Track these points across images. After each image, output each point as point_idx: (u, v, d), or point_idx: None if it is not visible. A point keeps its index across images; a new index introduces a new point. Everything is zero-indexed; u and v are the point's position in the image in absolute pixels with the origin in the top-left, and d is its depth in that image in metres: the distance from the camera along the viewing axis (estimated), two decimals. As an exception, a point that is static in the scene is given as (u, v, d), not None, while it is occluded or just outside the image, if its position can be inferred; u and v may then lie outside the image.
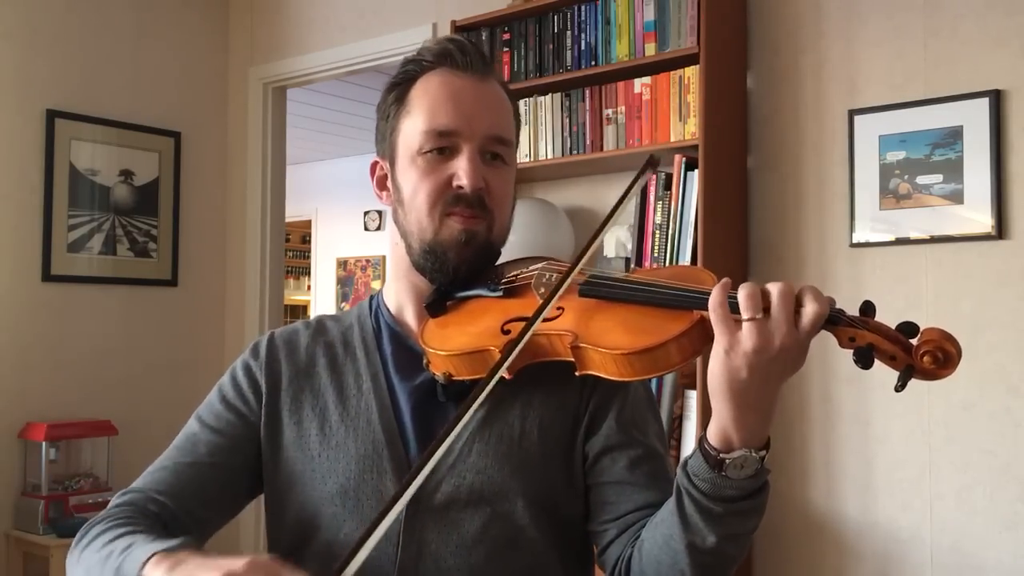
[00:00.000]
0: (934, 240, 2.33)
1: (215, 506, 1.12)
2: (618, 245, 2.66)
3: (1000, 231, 2.24)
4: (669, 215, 2.50)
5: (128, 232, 3.69)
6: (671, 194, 2.50)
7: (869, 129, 2.43)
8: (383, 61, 3.53)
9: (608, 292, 1.00)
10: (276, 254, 3.97)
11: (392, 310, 1.18)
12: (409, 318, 1.16)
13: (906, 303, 2.36)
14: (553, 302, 0.99)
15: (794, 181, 2.57)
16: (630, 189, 1.10)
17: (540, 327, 0.98)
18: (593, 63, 2.68)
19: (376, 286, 7.50)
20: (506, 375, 0.97)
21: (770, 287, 0.85)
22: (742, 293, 0.84)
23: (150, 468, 1.11)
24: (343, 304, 7.78)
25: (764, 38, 2.63)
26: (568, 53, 2.74)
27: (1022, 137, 2.23)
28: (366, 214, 7.66)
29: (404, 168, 1.11)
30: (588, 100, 2.70)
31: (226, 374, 1.18)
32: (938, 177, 2.32)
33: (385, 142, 1.15)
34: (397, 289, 1.17)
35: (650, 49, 2.57)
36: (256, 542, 3.75)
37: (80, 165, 3.56)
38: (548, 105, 2.78)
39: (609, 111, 2.66)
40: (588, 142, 2.69)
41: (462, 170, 1.07)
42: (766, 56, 2.63)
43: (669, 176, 2.52)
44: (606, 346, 0.93)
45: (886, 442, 2.40)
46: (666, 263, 2.47)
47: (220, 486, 1.12)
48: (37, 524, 3.22)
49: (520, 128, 1.21)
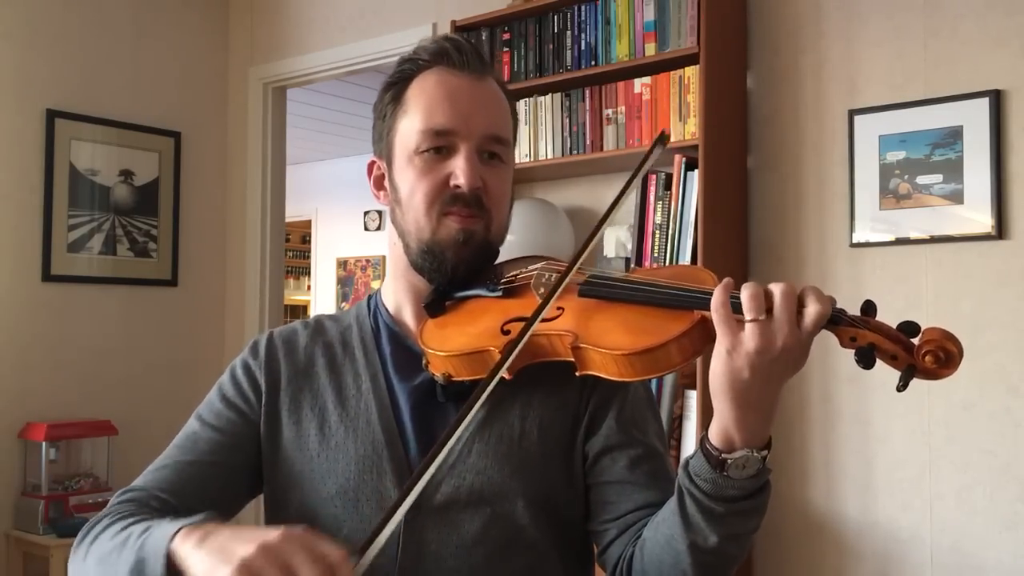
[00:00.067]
0: (934, 240, 2.33)
1: (216, 504, 1.11)
2: (618, 245, 2.65)
3: (1000, 231, 2.24)
4: (669, 215, 2.50)
5: (128, 232, 3.70)
6: (671, 194, 2.50)
7: (869, 129, 2.43)
8: (383, 61, 3.53)
9: (608, 292, 1.00)
10: (276, 254, 3.97)
11: (390, 310, 1.18)
12: (408, 318, 1.16)
13: (906, 303, 2.36)
14: (552, 302, 0.99)
15: (794, 181, 2.57)
16: (642, 166, 1.09)
17: (540, 327, 0.98)
18: (593, 63, 2.68)
19: (376, 286, 7.48)
20: (506, 375, 0.97)
21: (772, 287, 0.84)
22: (745, 294, 0.84)
23: (150, 467, 1.10)
24: (343, 304, 7.77)
25: (764, 38, 2.63)
26: (568, 53, 2.74)
27: (1022, 137, 2.23)
28: (366, 214, 7.66)
29: (401, 168, 1.11)
30: (588, 100, 2.70)
31: (225, 373, 1.18)
32: (938, 177, 2.32)
33: (382, 142, 1.15)
34: (395, 289, 1.17)
35: (650, 49, 2.57)
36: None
37: (80, 165, 3.56)
38: (548, 105, 2.78)
39: (609, 111, 2.66)
40: (588, 142, 2.69)
41: (459, 170, 1.06)
42: (766, 56, 2.63)
43: (669, 176, 2.52)
44: (607, 346, 0.93)
45: (886, 442, 2.40)
46: (666, 263, 2.47)
47: (221, 484, 1.11)
48: (37, 524, 3.22)
49: (517, 126, 1.20)
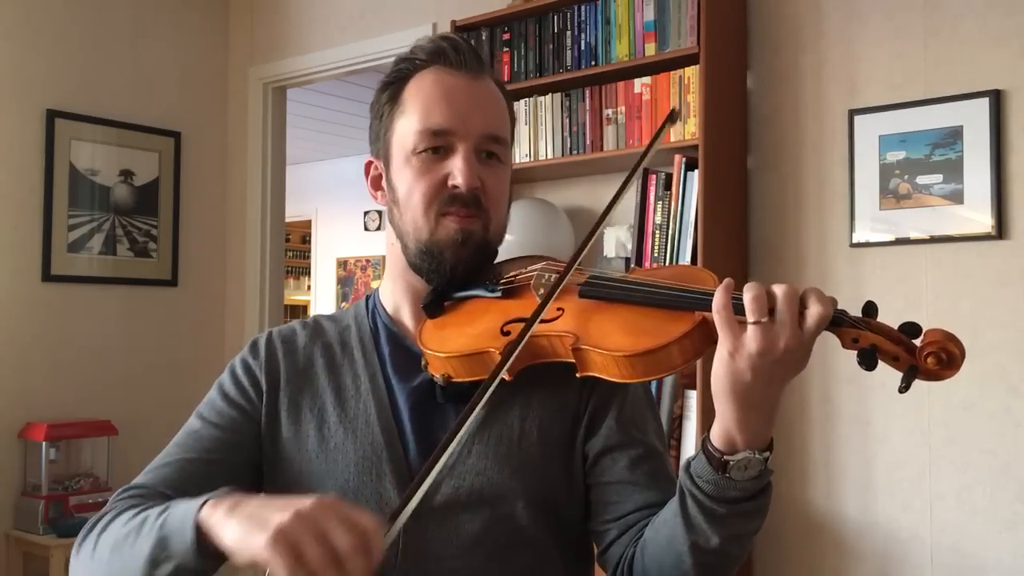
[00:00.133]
0: (934, 240, 2.33)
1: None
2: (618, 245, 2.65)
3: (1000, 231, 2.24)
4: (669, 215, 2.50)
5: (128, 232, 3.69)
6: (671, 194, 2.50)
7: (869, 129, 2.43)
8: (383, 61, 3.53)
9: (608, 293, 0.99)
10: (276, 254, 3.97)
11: (389, 310, 1.17)
12: (406, 318, 1.15)
13: (906, 303, 2.36)
14: (552, 303, 0.99)
15: (794, 181, 2.57)
16: (653, 142, 1.09)
17: (540, 328, 0.98)
18: (593, 63, 2.68)
19: (376, 286, 7.46)
20: (506, 376, 0.96)
21: (774, 289, 0.84)
22: (747, 296, 0.83)
23: (151, 465, 1.09)
24: (343, 304, 7.77)
25: (764, 38, 2.63)
26: (568, 53, 2.74)
27: (1022, 137, 2.23)
28: (366, 214, 7.66)
29: (399, 168, 1.10)
30: (588, 100, 2.70)
31: (225, 372, 1.17)
32: (938, 177, 2.32)
33: (379, 142, 1.14)
34: (394, 289, 1.17)
35: (650, 49, 2.57)
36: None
37: (80, 165, 3.56)
38: (548, 105, 2.78)
39: (609, 111, 2.65)
40: (588, 142, 2.69)
41: (457, 170, 1.06)
42: (766, 56, 2.63)
43: (669, 176, 2.52)
44: (608, 348, 0.93)
45: (886, 442, 2.40)
46: (666, 263, 2.47)
47: (223, 482, 1.10)
48: (37, 524, 3.22)
49: (515, 125, 1.20)
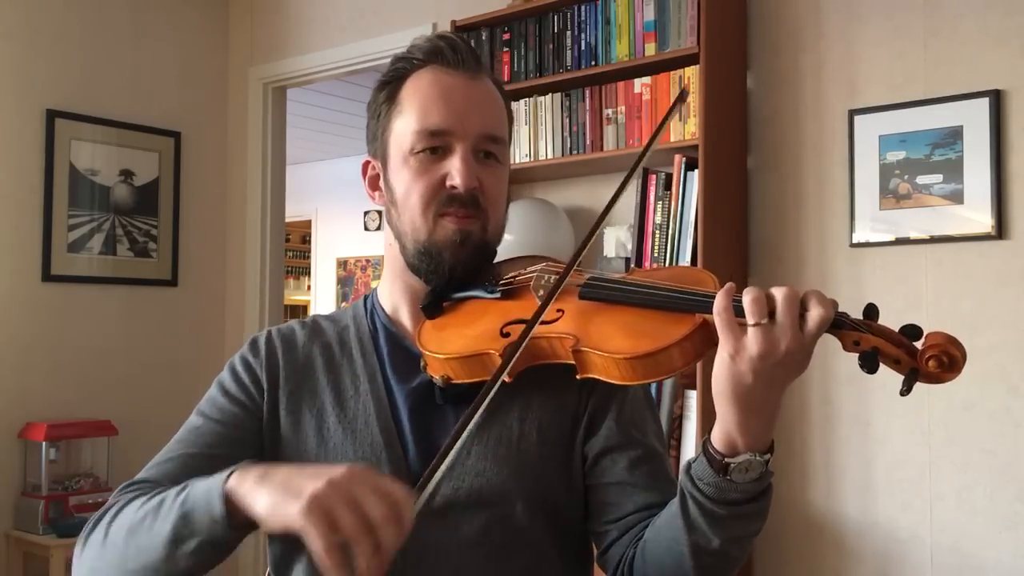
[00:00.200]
0: (934, 240, 2.33)
1: None
2: (618, 245, 2.65)
3: (1000, 231, 2.24)
4: (669, 215, 2.50)
5: (128, 232, 3.69)
6: (671, 194, 2.50)
7: (869, 129, 2.43)
8: (383, 61, 3.52)
9: (609, 294, 0.99)
10: (276, 254, 3.97)
11: (387, 310, 1.17)
12: (405, 319, 1.15)
13: (906, 303, 2.36)
14: (552, 304, 0.99)
15: (794, 181, 2.57)
16: (663, 123, 1.08)
17: (540, 330, 0.98)
18: (593, 63, 2.68)
19: (376, 286, 7.46)
20: (506, 378, 0.96)
21: (775, 292, 0.84)
22: (747, 298, 0.83)
23: (153, 462, 1.08)
24: (343, 304, 7.77)
25: (764, 38, 2.63)
26: (568, 53, 2.74)
27: (1022, 137, 2.23)
28: (366, 214, 7.66)
29: (396, 168, 1.10)
30: (588, 100, 2.70)
31: (225, 370, 1.16)
32: (938, 177, 2.32)
33: (376, 141, 1.14)
34: (392, 290, 1.17)
35: (650, 49, 2.57)
36: (257, 542, 3.75)
37: (80, 165, 3.56)
38: (548, 105, 2.77)
39: (609, 111, 2.65)
40: (588, 142, 2.69)
41: (455, 170, 1.06)
42: (766, 56, 2.63)
43: (669, 176, 2.52)
44: (608, 350, 0.92)
45: (886, 443, 2.40)
46: (666, 263, 2.47)
47: None
48: (37, 524, 3.22)
49: (513, 124, 1.19)
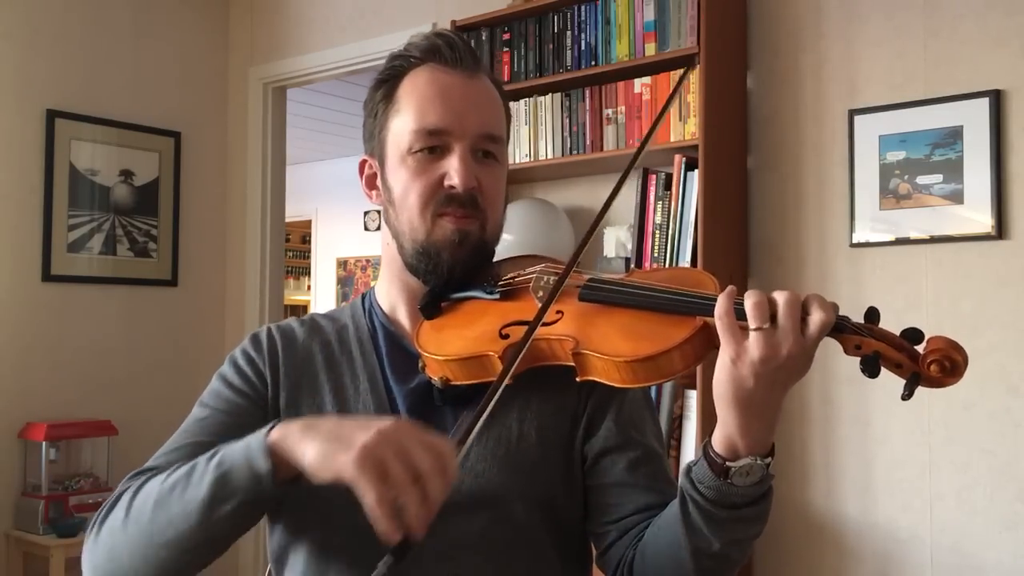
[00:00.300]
0: (934, 240, 2.33)
1: None
2: (618, 245, 2.65)
3: (1000, 231, 2.24)
4: (669, 215, 2.50)
5: (128, 232, 3.69)
6: (671, 194, 2.49)
7: (869, 129, 2.43)
8: (383, 61, 3.51)
9: (608, 296, 0.99)
10: (276, 254, 3.97)
11: (385, 310, 1.17)
12: (403, 318, 1.15)
13: (906, 303, 2.36)
14: (552, 305, 0.98)
15: (794, 181, 2.57)
16: (671, 99, 1.07)
17: (540, 331, 0.97)
18: (593, 63, 2.68)
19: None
20: (507, 380, 0.96)
21: (776, 296, 0.84)
22: (748, 302, 0.83)
23: (159, 452, 1.06)
24: (343, 304, 7.77)
25: (764, 38, 2.63)
26: (568, 53, 2.74)
27: (1022, 137, 2.23)
28: (366, 214, 7.66)
29: (394, 168, 1.09)
30: (588, 100, 2.70)
31: (226, 364, 1.15)
32: (938, 177, 2.32)
33: (373, 140, 1.13)
34: (389, 289, 1.16)
35: (650, 49, 2.56)
36: (257, 538, 3.75)
37: (80, 165, 3.56)
38: (548, 105, 2.77)
39: (609, 111, 2.65)
40: (588, 142, 2.69)
41: (454, 170, 1.05)
42: (766, 56, 2.63)
43: (669, 176, 2.52)
44: (608, 353, 0.92)
45: (886, 443, 2.40)
46: (666, 263, 2.47)
47: None
48: (37, 524, 3.22)
49: (511, 123, 1.18)
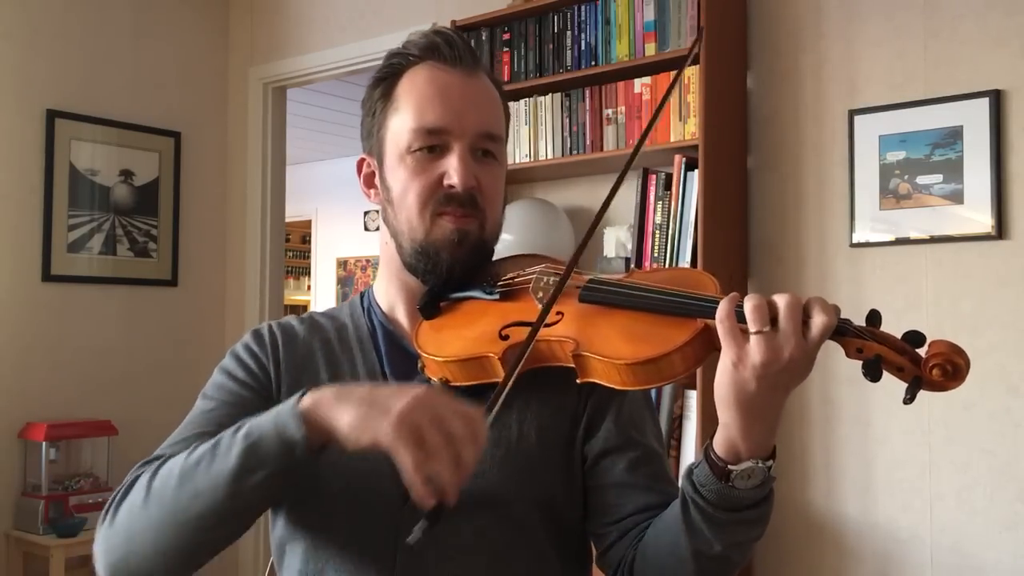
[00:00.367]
0: (934, 240, 2.33)
1: None
2: (618, 245, 2.65)
3: (1000, 231, 2.24)
4: (669, 215, 2.50)
5: (128, 232, 3.69)
6: (671, 194, 2.49)
7: (869, 129, 2.43)
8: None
9: (609, 298, 0.98)
10: (276, 254, 3.97)
11: (384, 309, 1.16)
12: (401, 317, 1.15)
13: (906, 303, 2.36)
14: (552, 308, 0.98)
15: (794, 181, 2.57)
16: (682, 70, 1.05)
17: (541, 332, 0.97)
18: (593, 63, 2.68)
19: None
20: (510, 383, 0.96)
21: (777, 299, 0.83)
22: (749, 305, 0.82)
23: (166, 443, 1.04)
24: (341, 303, 7.76)
25: (764, 38, 2.63)
26: (568, 53, 2.74)
27: (1022, 137, 2.23)
28: (366, 214, 7.66)
29: (393, 166, 1.09)
30: (588, 100, 2.70)
31: (227, 358, 1.14)
32: (938, 177, 2.32)
33: (372, 139, 1.12)
34: (388, 288, 1.16)
35: (650, 49, 2.57)
36: (257, 536, 3.75)
37: (80, 165, 3.56)
38: (548, 105, 2.77)
39: (609, 111, 2.65)
40: (588, 142, 2.69)
41: (453, 169, 1.05)
42: (766, 56, 2.63)
43: (669, 176, 2.52)
44: (609, 355, 0.91)
45: (886, 443, 2.40)
46: (666, 263, 2.47)
47: None
48: (37, 524, 3.22)
49: (509, 121, 1.18)
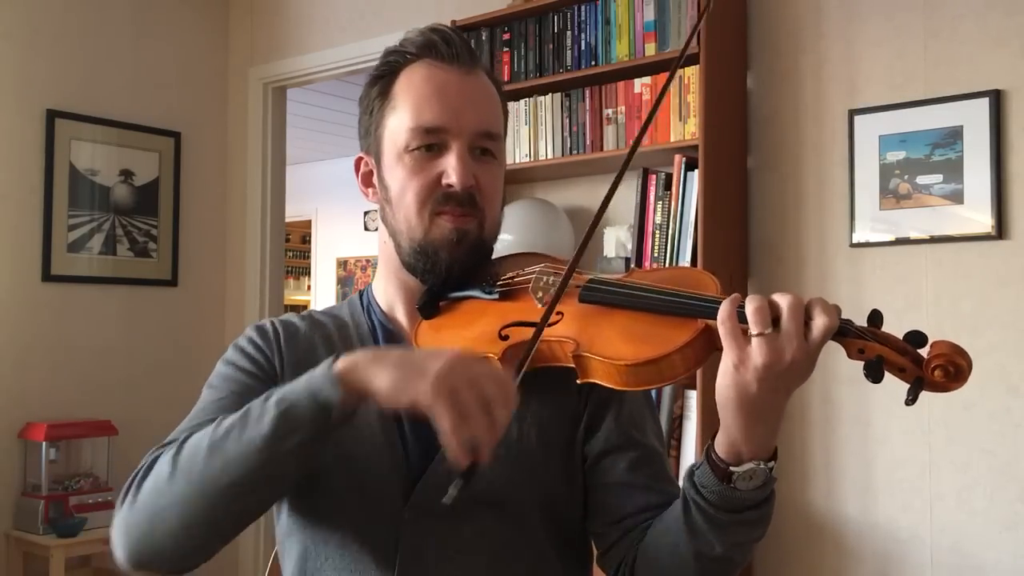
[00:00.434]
0: (934, 240, 2.33)
1: None
2: (618, 245, 2.65)
3: (1000, 231, 2.24)
4: (669, 215, 2.50)
5: (128, 232, 3.69)
6: (671, 194, 2.49)
7: (869, 129, 2.43)
8: (383, 61, 3.52)
9: (609, 298, 0.98)
10: (276, 254, 3.97)
11: (383, 308, 1.16)
12: (401, 317, 1.14)
13: (906, 303, 2.36)
14: (553, 310, 0.98)
15: (794, 181, 2.57)
16: (689, 42, 1.04)
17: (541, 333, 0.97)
18: (593, 63, 2.68)
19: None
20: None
21: (779, 300, 0.82)
22: (750, 307, 0.82)
23: (178, 429, 1.02)
24: (340, 302, 7.76)
25: (764, 38, 2.63)
26: (568, 53, 2.74)
27: (1022, 137, 2.23)
28: (366, 214, 7.65)
29: (391, 166, 1.08)
30: (588, 100, 2.70)
31: (231, 352, 1.13)
32: (938, 177, 2.32)
33: (369, 137, 1.12)
34: (387, 287, 1.15)
35: (650, 49, 2.57)
36: (257, 535, 3.75)
37: (80, 165, 3.56)
38: (548, 105, 2.77)
39: (609, 111, 2.65)
40: (588, 142, 2.69)
41: (452, 168, 1.04)
42: (766, 56, 2.63)
43: (669, 176, 2.52)
44: (610, 356, 0.91)
45: (886, 443, 2.40)
46: (666, 263, 2.47)
47: None
48: (37, 524, 3.22)
49: (508, 118, 1.17)
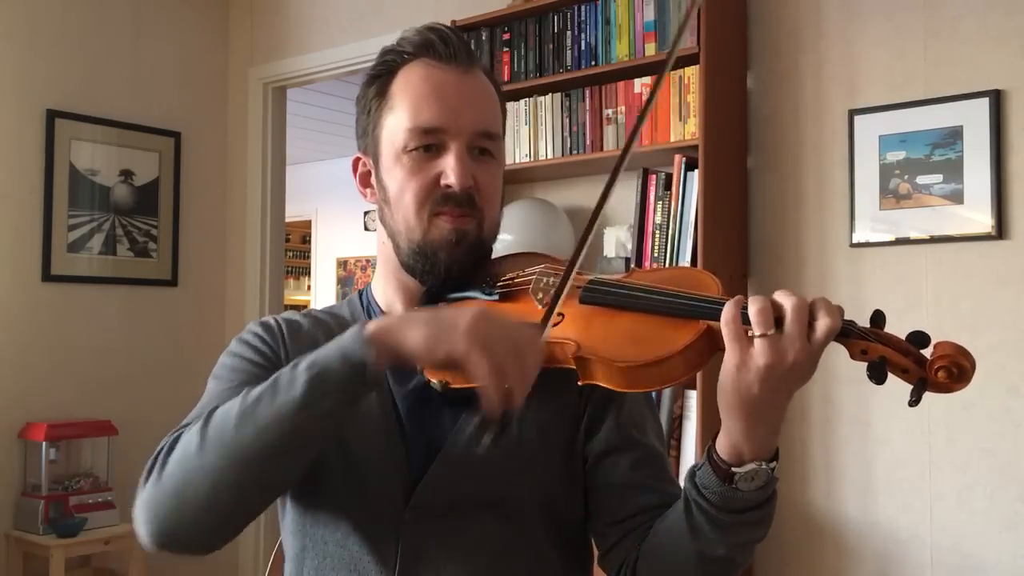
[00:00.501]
0: (934, 240, 2.33)
1: None
2: (618, 245, 2.65)
3: (1000, 231, 2.24)
4: (669, 215, 2.50)
5: (128, 232, 3.69)
6: (671, 194, 2.49)
7: (869, 129, 2.43)
8: (383, 61, 3.51)
9: (610, 299, 0.97)
10: (276, 254, 3.97)
11: (383, 308, 1.16)
12: None
13: (906, 303, 2.36)
14: (555, 312, 0.98)
15: (794, 181, 2.57)
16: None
17: None
18: (593, 63, 2.68)
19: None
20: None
21: (782, 301, 0.82)
22: (753, 308, 0.82)
23: (191, 414, 1.01)
24: (340, 301, 7.76)
25: (764, 38, 2.63)
26: (568, 53, 2.74)
27: (1022, 137, 2.23)
28: (366, 214, 7.65)
29: (389, 166, 1.08)
30: (588, 100, 2.70)
31: (235, 345, 1.11)
32: (938, 177, 2.32)
33: (367, 137, 1.12)
34: (386, 288, 1.15)
35: (650, 49, 2.57)
36: (258, 535, 3.75)
37: (80, 165, 3.56)
38: (548, 105, 2.77)
39: (609, 111, 2.65)
40: (588, 142, 2.69)
41: (450, 169, 1.04)
42: (766, 56, 2.63)
43: (669, 176, 2.52)
44: (611, 358, 0.91)
45: (886, 443, 2.40)
46: (666, 263, 2.47)
47: None
48: (37, 524, 3.21)
49: (506, 118, 1.16)
